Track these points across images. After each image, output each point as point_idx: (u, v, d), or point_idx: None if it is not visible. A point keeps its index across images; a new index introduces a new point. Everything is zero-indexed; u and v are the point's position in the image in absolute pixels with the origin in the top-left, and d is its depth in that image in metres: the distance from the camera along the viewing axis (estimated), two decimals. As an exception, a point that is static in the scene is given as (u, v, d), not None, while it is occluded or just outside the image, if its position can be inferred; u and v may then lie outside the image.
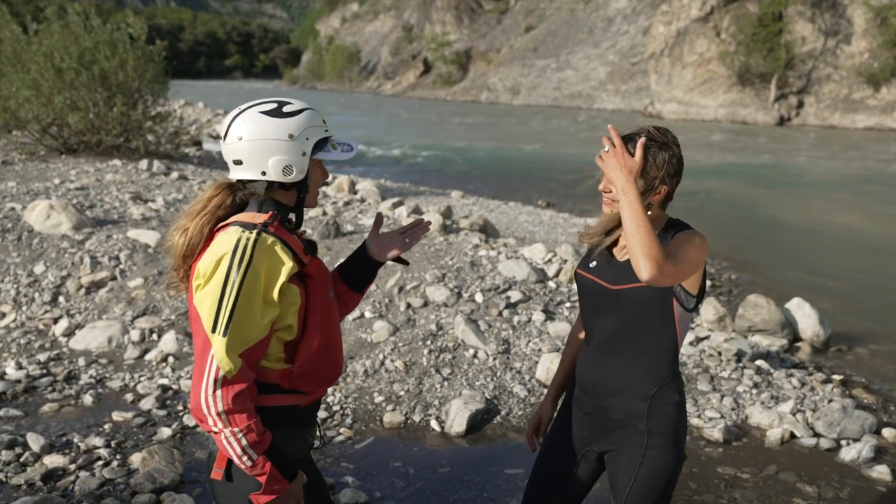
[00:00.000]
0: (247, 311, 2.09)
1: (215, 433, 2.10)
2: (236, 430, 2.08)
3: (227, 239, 2.13)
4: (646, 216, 2.18)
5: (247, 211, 2.25)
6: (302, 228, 2.41)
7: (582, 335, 2.76)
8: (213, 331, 2.07)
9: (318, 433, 2.48)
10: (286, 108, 2.23)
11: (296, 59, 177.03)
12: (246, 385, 2.10)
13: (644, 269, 2.13)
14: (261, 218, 2.20)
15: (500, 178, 20.59)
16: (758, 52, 52.13)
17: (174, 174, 11.86)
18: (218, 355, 2.06)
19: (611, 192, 2.46)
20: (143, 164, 12.47)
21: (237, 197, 2.28)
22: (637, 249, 2.14)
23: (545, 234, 11.55)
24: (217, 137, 25.13)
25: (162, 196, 9.57)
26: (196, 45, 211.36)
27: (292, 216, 2.34)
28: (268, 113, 2.22)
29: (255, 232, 2.13)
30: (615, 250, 2.55)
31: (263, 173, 2.21)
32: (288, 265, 2.16)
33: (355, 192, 11.92)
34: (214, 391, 2.06)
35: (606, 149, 2.30)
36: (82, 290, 6.80)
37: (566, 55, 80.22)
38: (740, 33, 52.80)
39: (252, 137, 2.19)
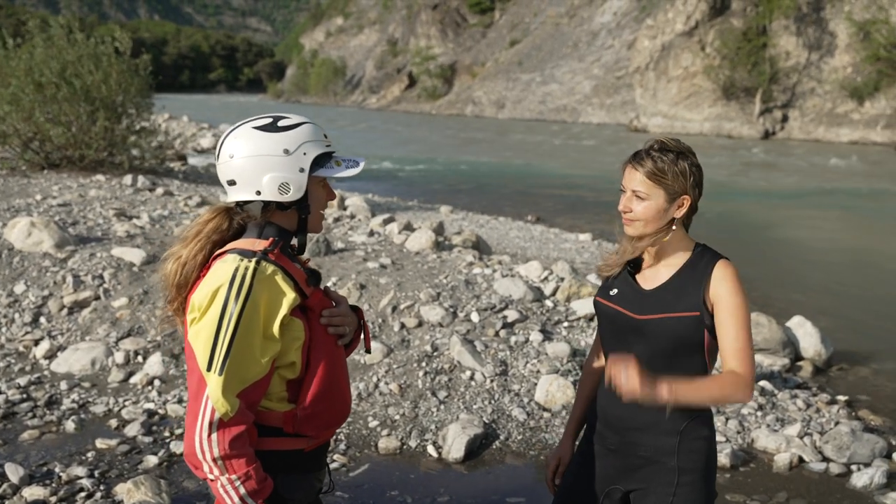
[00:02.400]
0: (245, 347, 1.92)
1: (211, 480, 1.93)
2: (234, 476, 1.91)
3: (224, 268, 1.96)
4: (700, 390, 2.20)
5: (245, 237, 2.08)
6: (305, 256, 2.22)
7: (598, 367, 2.60)
8: (209, 369, 1.90)
9: (327, 476, 2.29)
10: (281, 123, 2.06)
11: (280, 73, 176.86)
12: (244, 428, 1.92)
13: (745, 399, 2.23)
14: (260, 245, 2.02)
15: (487, 193, 20.46)
16: (742, 66, 52.36)
17: (159, 190, 11.65)
18: (213, 396, 1.88)
19: (630, 211, 2.30)
20: (128, 179, 12.24)
21: (235, 221, 2.10)
22: (726, 402, 2.26)
23: (537, 250, 11.41)
24: (202, 152, 24.93)
25: (147, 212, 9.36)
26: (180, 59, 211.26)
27: (295, 241, 2.16)
28: (261, 128, 2.05)
29: (254, 260, 1.96)
30: (638, 277, 2.40)
31: (258, 193, 2.04)
32: (290, 296, 1.98)
33: (345, 208, 11.74)
34: (210, 435, 1.88)
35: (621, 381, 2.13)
36: (64, 311, 6.58)
37: (551, 69, 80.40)
38: (725, 47, 53.03)
39: (244, 154, 2.02)
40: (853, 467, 4.92)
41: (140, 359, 6.04)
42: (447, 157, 31.54)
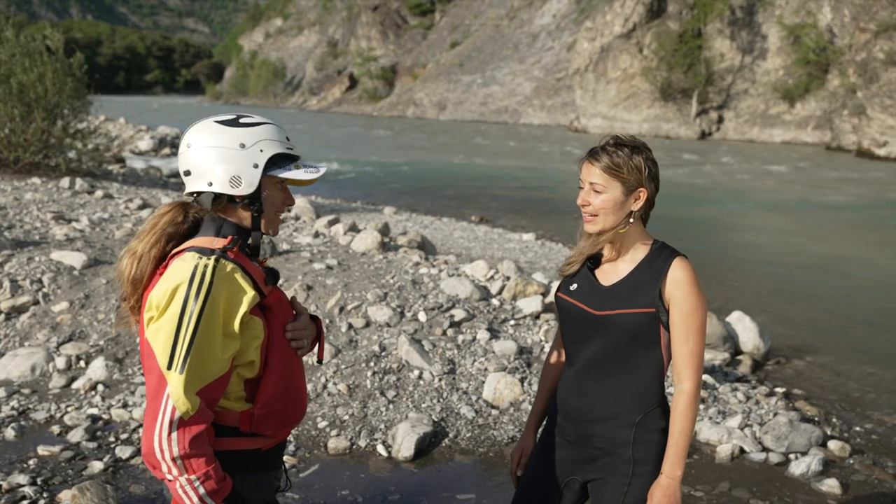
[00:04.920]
0: (206, 345, 1.92)
1: (170, 481, 1.92)
2: (193, 477, 1.90)
3: (183, 266, 1.95)
4: (681, 444, 2.31)
5: (202, 234, 2.08)
6: (262, 256, 2.22)
7: (559, 361, 2.65)
8: (169, 367, 1.89)
9: (284, 474, 2.29)
10: (243, 119, 2.09)
11: (218, 75, 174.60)
12: (204, 427, 1.92)
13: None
14: (219, 243, 2.03)
15: (431, 194, 20.50)
16: (679, 67, 53.36)
17: (98, 192, 11.42)
18: (174, 394, 1.87)
19: (589, 204, 2.35)
20: (65, 182, 11.98)
21: (190, 214, 2.10)
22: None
23: (481, 249, 11.49)
24: (140, 154, 24.52)
25: (86, 215, 9.18)
26: (115, 60, 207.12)
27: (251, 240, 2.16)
28: (222, 122, 2.07)
29: (213, 258, 1.96)
30: (598, 272, 2.45)
31: (210, 184, 2.04)
32: (249, 294, 1.99)
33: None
34: (170, 434, 1.88)
35: None
36: (1, 316, 6.42)
37: (492, 71, 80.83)
38: (662, 49, 53.97)
39: (201, 145, 2.04)
40: (791, 456, 5.09)
41: (82, 364, 5.92)
42: (390, 159, 31.51)
